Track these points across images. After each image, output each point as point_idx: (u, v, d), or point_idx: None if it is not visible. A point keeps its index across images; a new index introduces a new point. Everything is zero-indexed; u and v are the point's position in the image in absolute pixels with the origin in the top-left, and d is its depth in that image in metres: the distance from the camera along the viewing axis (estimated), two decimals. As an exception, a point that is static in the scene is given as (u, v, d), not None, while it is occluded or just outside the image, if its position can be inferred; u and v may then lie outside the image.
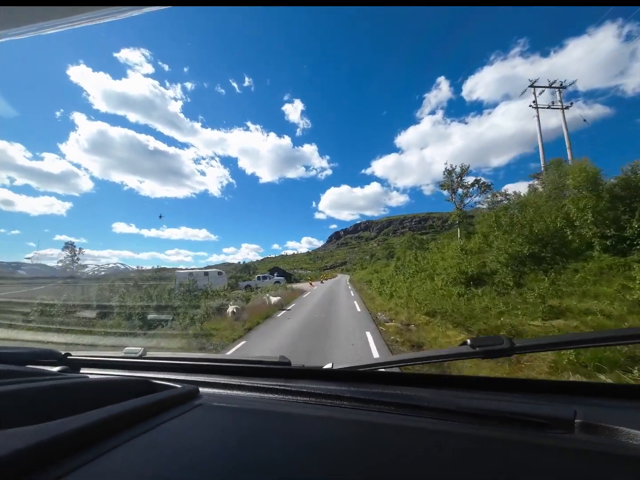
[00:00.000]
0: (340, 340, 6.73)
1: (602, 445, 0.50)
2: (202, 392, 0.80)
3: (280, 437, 0.55)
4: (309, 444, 0.52)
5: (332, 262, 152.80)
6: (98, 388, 0.70)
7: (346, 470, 0.44)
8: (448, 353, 0.84)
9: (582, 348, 3.30)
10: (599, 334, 0.75)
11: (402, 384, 0.87)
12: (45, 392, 0.59)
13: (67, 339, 8.17)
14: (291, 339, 7.18)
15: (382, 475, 0.44)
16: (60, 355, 1.16)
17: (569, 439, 0.54)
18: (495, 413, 0.62)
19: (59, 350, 1.18)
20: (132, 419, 0.55)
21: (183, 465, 0.43)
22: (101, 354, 1.37)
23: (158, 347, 7.25)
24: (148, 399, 0.62)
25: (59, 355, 1.16)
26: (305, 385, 0.86)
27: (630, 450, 0.48)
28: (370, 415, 0.68)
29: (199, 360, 1.20)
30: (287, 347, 6.44)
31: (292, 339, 7.16)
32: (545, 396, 0.73)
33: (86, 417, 0.47)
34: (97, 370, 1.13)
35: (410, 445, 0.52)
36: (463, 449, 0.51)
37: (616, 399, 0.70)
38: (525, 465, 0.45)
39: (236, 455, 0.48)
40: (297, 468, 0.44)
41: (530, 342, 0.80)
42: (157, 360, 1.20)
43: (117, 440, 0.48)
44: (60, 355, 1.16)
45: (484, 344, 0.77)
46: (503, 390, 0.80)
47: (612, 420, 0.55)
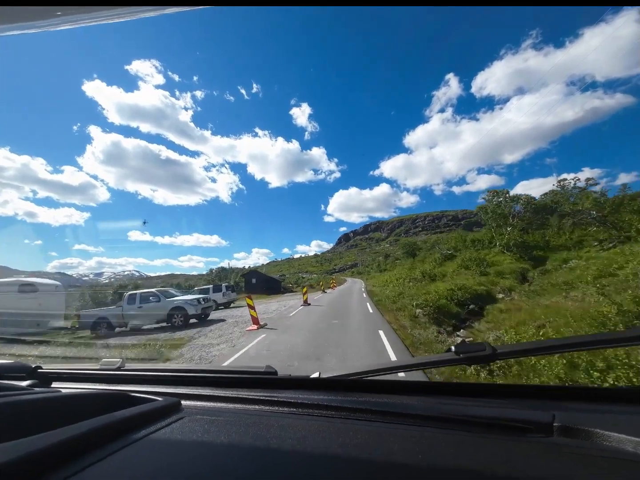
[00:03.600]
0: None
1: (578, 447, 0.53)
2: (185, 405, 0.79)
3: (267, 450, 0.54)
4: (296, 455, 0.52)
5: (341, 264, 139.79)
6: (71, 403, 0.67)
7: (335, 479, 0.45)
8: (433, 360, 0.90)
9: (563, 353, 3.21)
10: (580, 338, 0.80)
11: (389, 392, 0.88)
12: (10, 408, 0.56)
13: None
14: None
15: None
16: (29, 369, 1.09)
17: (548, 442, 0.56)
18: (478, 419, 0.65)
19: (29, 364, 1.11)
20: (109, 434, 0.53)
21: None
22: (75, 366, 1.27)
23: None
24: (126, 413, 0.60)
25: (28, 368, 1.09)
26: (291, 395, 0.84)
27: (605, 451, 0.51)
28: (357, 424, 0.67)
29: (182, 371, 1.18)
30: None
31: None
32: (527, 401, 0.77)
33: (57, 434, 0.46)
34: (71, 384, 1.09)
35: (396, 453, 0.52)
36: (448, 455, 0.51)
37: (592, 402, 0.74)
38: (507, 468, 0.47)
39: (220, 469, 0.47)
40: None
41: (512, 347, 0.84)
42: (137, 372, 1.14)
43: (92, 458, 0.46)
44: (30, 368, 1.09)
45: (468, 350, 0.77)
46: (486, 396, 0.82)
47: (589, 422, 0.58)
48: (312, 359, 5.08)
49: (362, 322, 8.61)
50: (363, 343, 6.10)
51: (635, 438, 0.52)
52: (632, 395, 0.74)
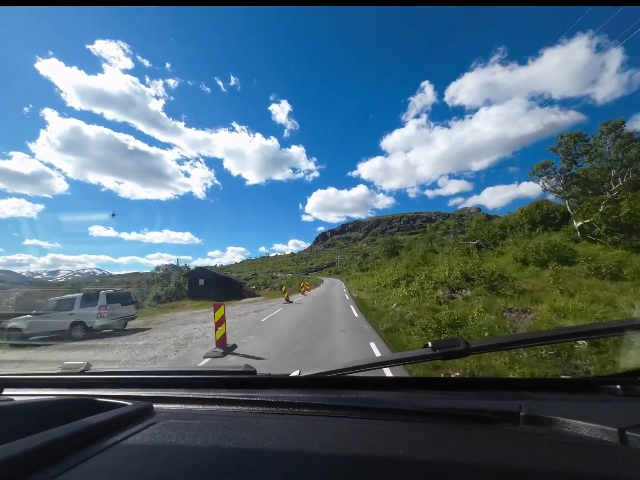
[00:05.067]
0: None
1: (542, 435, 0.58)
2: (157, 409, 0.75)
3: (245, 451, 0.52)
4: (275, 456, 0.51)
5: (318, 263, 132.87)
6: (26, 411, 0.63)
7: (316, 478, 0.45)
8: (411, 356, 0.88)
9: (534, 346, 3.46)
10: (550, 332, 0.86)
11: (369, 388, 0.91)
12: None
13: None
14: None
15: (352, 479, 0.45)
16: None
17: (515, 430, 0.61)
18: (450, 411, 0.68)
19: None
20: (75, 443, 0.49)
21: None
22: (32, 371, 1.18)
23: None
24: (93, 420, 0.56)
25: None
26: (271, 394, 0.83)
27: (565, 437, 0.56)
28: (338, 421, 0.68)
29: (153, 373, 1.13)
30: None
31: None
32: (495, 393, 0.82)
33: (10, 448, 0.42)
34: (27, 391, 1.00)
35: (377, 448, 0.53)
36: (427, 447, 0.54)
37: (554, 392, 0.82)
38: (476, 456, 0.50)
39: (197, 475, 0.45)
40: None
41: (485, 342, 0.83)
42: (104, 376, 1.06)
43: (56, 470, 0.43)
44: None
45: (443, 346, 0.78)
46: (460, 389, 0.87)
47: (551, 411, 0.63)
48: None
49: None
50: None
51: (589, 423, 0.57)
52: (587, 385, 0.82)
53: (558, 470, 0.46)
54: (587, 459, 0.49)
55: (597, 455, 0.50)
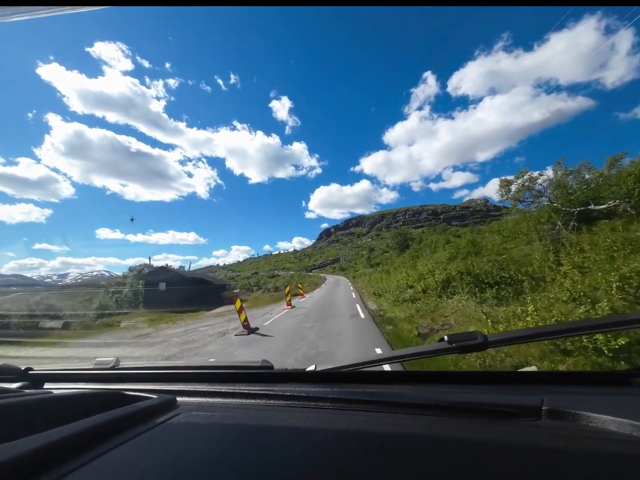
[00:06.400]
0: None
1: (566, 429, 0.56)
2: (180, 402, 0.78)
3: (263, 443, 0.54)
4: (292, 447, 0.52)
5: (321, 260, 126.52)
6: (63, 403, 0.66)
7: (332, 471, 0.45)
8: (427, 350, 0.87)
9: (552, 339, 3.35)
10: (568, 325, 0.84)
11: (384, 382, 0.91)
12: (1, 410, 0.55)
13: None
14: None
15: (367, 473, 0.45)
16: (19, 371, 1.08)
17: (537, 425, 0.60)
18: (469, 405, 0.67)
19: (18, 365, 1.10)
20: (104, 433, 0.53)
21: (162, 479, 0.43)
22: (68, 367, 1.26)
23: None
24: (120, 412, 0.60)
25: (18, 370, 1.08)
26: (288, 388, 0.85)
27: (591, 432, 0.54)
28: (353, 414, 0.69)
29: (177, 368, 1.18)
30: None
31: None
32: (516, 387, 0.81)
33: (50, 435, 0.46)
34: (63, 385, 1.08)
35: (392, 441, 0.53)
36: (442, 440, 0.53)
37: (578, 385, 0.79)
38: (497, 452, 0.49)
39: (217, 465, 0.47)
40: (283, 474, 0.44)
41: (502, 335, 0.82)
42: (132, 371, 1.14)
43: (87, 457, 0.46)
44: (20, 370, 1.08)
45: (460, 339, 0.78)
46: (477, 383, 0.85)
47: (575, 405, 0.61)
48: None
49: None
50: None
51: (618, 418, 0.54)
52: (613, 378, 0.80)
53: (586, 466, 0.44)
54: (616, 454, 0.46)
55: (627, 450, 0.47)
